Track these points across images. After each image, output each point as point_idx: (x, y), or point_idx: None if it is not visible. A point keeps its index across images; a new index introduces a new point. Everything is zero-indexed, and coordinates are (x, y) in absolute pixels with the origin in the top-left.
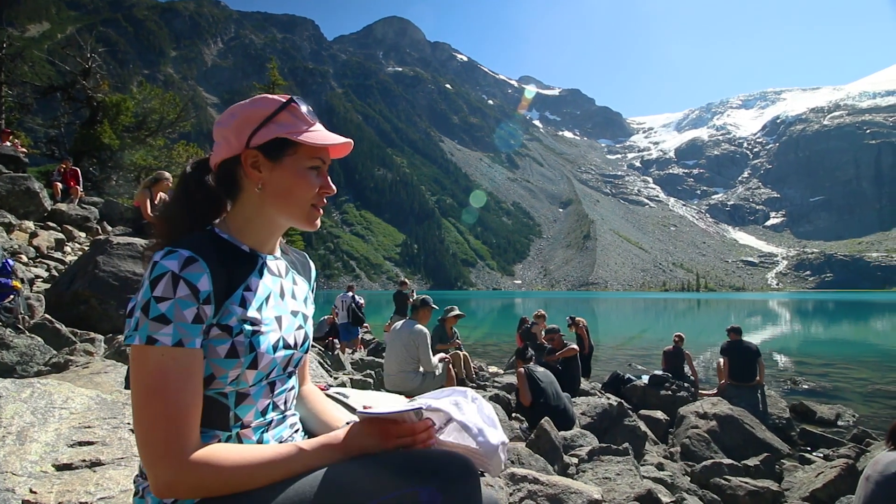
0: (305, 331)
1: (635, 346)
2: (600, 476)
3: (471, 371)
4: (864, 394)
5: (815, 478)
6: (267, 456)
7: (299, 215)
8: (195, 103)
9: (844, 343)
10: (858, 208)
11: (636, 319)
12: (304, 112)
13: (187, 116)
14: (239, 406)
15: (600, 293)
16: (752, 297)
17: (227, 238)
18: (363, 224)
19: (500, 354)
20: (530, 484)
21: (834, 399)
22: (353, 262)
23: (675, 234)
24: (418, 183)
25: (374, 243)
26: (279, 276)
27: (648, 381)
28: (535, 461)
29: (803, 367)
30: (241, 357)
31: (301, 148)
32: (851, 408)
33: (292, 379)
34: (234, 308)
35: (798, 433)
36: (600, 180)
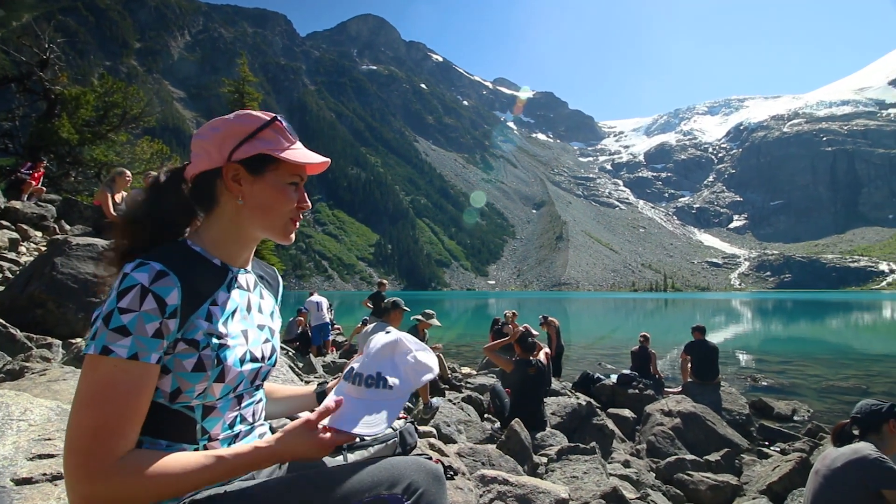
0: (273, 344)
1: (605, 345)
2: (568, 475)
3: (444, 372)
4: (818, 390)
5: (772, 471)
6: (191, 462)
7: (277, 229)
8: (160, 97)
9: (801, 341)
10: (815, 212)
11: (606, 319)
12: (288, 131)
13: (152, 111)
14: (206, 419)
15: (572, 293)
16: (717, 296)
17: (199, 251)
18: (336, 223)
19: (474, 355)
20: (500, 485)
21: (791, 395)
22: (326, 262)
23: (643, 236)
24: (392, 183)
25: (348, 243)
26: (247, 290)
27: (617, 380)
28: (506, 462)
29: (763, 364)
30: (207, 371)
31: (282, 164)
32: (807, 403)
33: (260, 391)
34: (200, 322)
35: (757, 428)
36: (573, 182)
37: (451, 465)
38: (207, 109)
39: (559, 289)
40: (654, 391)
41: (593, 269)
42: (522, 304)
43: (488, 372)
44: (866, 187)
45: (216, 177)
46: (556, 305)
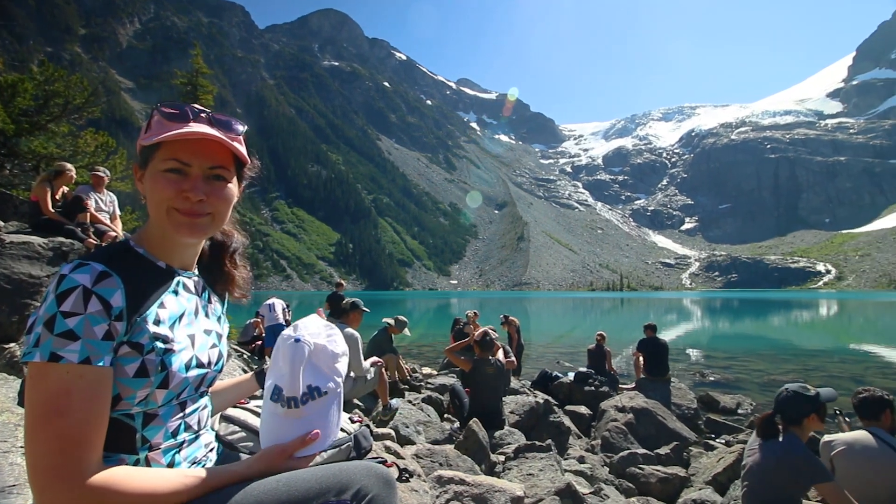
0: (220, 349)
1: (564, 344)
2: (525, 473)
3: (404, 374)
4: (760, 384)
5: (717, 462)
6: (171, 482)
7: (165, 225)
8: (107, 87)
9: (745, 338)
10: (759, 215)
11: (565, 318)
12: (166, 117)
13: (97, 101)
14: (147, 427)
15: (532, 293)
16: (669, 295)
17: (142, 253)
18: (295, 222)
19: (435, 355)
20: (456, 485)
21: (735, 389)
22: (284, 261)
23: (601, 237)
24: (354, 181)
25: (307, 242)
26: (195, 294)
27: (574, 377)
28: (463, 462)
29: (710, 360)
30: (151, 376)
31: (158, 151)
32: (750, 397)
33: (205, 398)
34: (146, 326)
35: (704, 422)
36: (534, 184)
37: (407, 468)
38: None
39: (520, 288)
40: (610, 388)
41: (553, 269)
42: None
43: (449, 372)
44: (805, 193)
45: None
46: (517, 305)
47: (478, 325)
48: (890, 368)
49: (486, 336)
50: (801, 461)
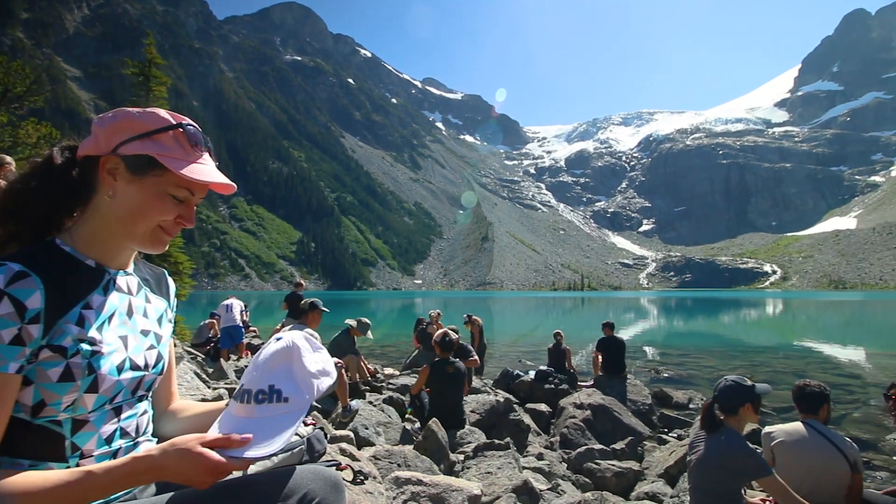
0: (159, 351)
1: (526, 342)
2: (483, 471)
3: (365, 375)
4: (711, 379)
5: (669, 456)
6: (54, 480)
7: (138, 236)
8: (51, 75)
9: (698, 336)
10: (712, 218)
11: (528, 318)
12: (190, 142)
13: (40, 90)
14: (76, 434)
15: (496, 292)
16: (627, 295)
17: (69, 251)
18: (255, 220)
19: (398, 355)
20: (413, 486)
21: (687, 385)
22: (243, 260)
23: (563, 238)
24: (317, 179)
25: (267, 241)
26: (128, 294)
27: (534, 376)
28: (422, 462)
29: (665, 357)
30: (77, 380)
31: (169, 173)
32: (701, 392)
33: (144, 403)
34: (69, 327)
35: (658, 417)
36: (498, 185)
37: (362, 470)
38: (107, 91)
39: (484, 288)
40: (569, 385)
41: (517, 269)
42: (448, 304)
43: (411, 372)
44: (754, 197)
45: (96, 166)
46: (481, 305)
47: (441, 324)
48: (829, 363)
49: (446, 337)
50: (743, 457)
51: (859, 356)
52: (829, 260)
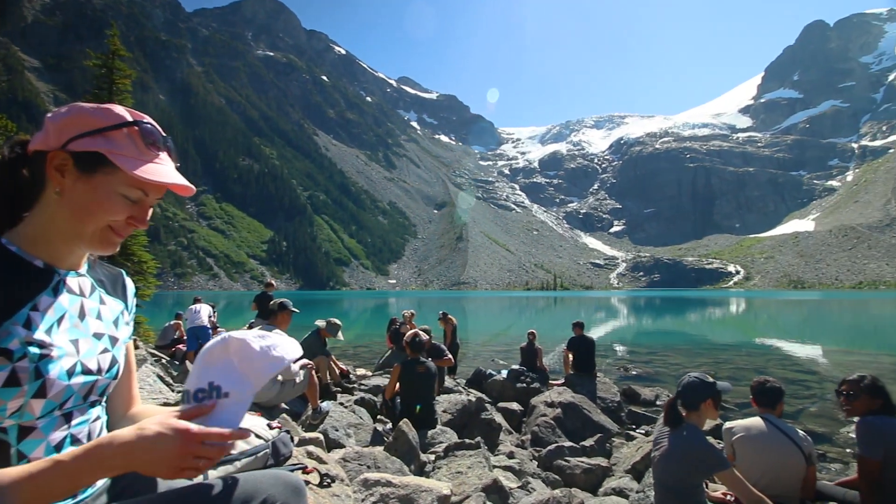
0: (113, 354)
1: (499, 342)
2: (454, 471)
3: (336, 376)
4: (677, 376)
5: (636, 452)
6: (15, 475)
7: (86, 236)
8: (7, 65)
9: (665, 334)
10: (679, 220)
11: (502, 317)
12: (145, 140)
13: None
14: (23, 441)
15: (470, 292)
16: (598, 294)
17: (14, 251)
18: (224, 218)
19: (371, 356)
20: (382, 487)
21: (655, 382)
22: (211, 259)
23: (537, 238)
24: (289, 176)
25: (237, 239)
26: (80, 295)
27: (507, 375)
28: (392, 463)
29: (633, 355)
30: (23, 385)
31: (121, 172)
32: (667, 389)
33: (97, 408)
34: (15, 329)
35: (626, 413)
36: (473, 185)
37: (329, 472)
38: (68, 84)
39: (458, 288)
40: (540, 384)
41: (490, 269)
42: (423, 304)
43: (384, 373)
44: (719, 200)
45: (45, 162)
46: (456, 304)
47: (414, 325)
48: (787, 360)
49: (416, 337)
50: (702, 452)
51: (816, 353)
52: (788, 261)
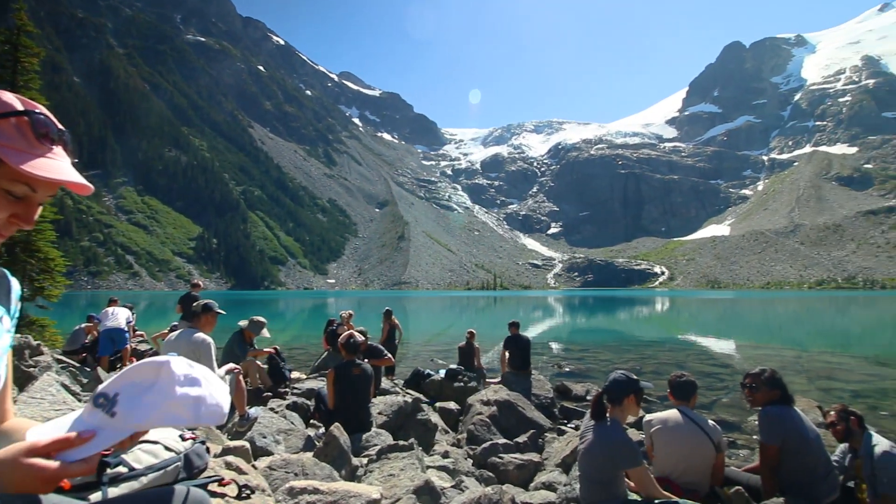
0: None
1: (439, 342)
2: (386, 474)
3: (267, 380)
4: (606, 372)
5: (566, 446)
6: None
7: None
8: None
9: (597, 331)
10: (611, 223)
11: (442, 317)
12: (36, 132)
13: None
14: None
15: (411, 292)
16: (536, 294)
17: None
18: (146, 212)
19: (307, 358)
20: (309, 495)
21: (586, 378)
22: (131, 256)
23: (478, 238)
24: (220, 170)
25: (161, 236)
26: None
27: (445, 374)
28: (321, 469)
29: (567, 352)
30: None
31: (4, 164)
32: (597, 384)
33: None
34: None
35: (559, 409)
36: (415, 184)
37: (248, 483)
38: None
39: (400, 287)
40: (477, 383)
41: (432, 269)
42: (363, 304)
43: (319, 376)
44: (647, 205)
45: None
46: (397, 304)
47: (352, 325)
48: (704, 355)
49: (352, 338)
50: (620, 447)
51: (729, 348)
52: (707, 262)
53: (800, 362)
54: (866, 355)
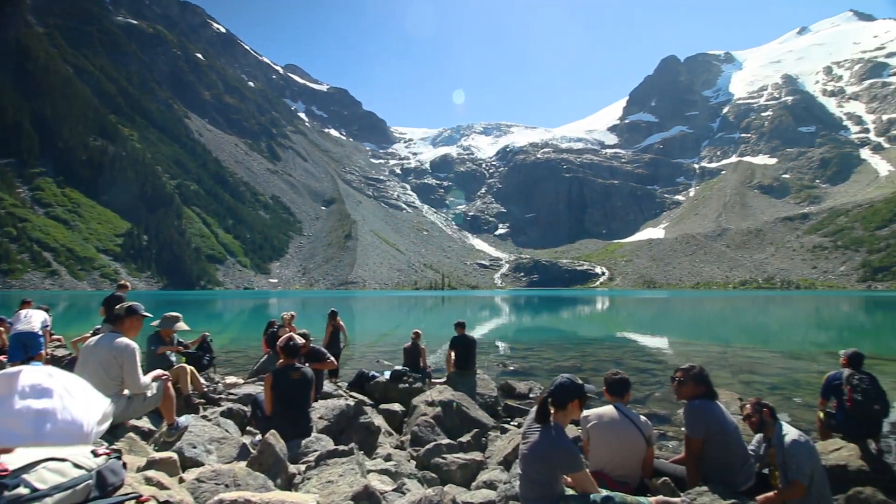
0: None
1: (386, 342)
2: (324, 481)
3: (199, 385)
4: (549, 370)
5: (508, 444)
6: None
7: None
8: None
9: (541, 330)
10: (556, 225)
11: (390, 317)
12: None
13: None
14: None
15: (358, 292)
16: (483, 294)
17: None
18: (67, 206)
19: (246, 361)
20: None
21: (529, 376)
22: (49, 253)
23: (426, 238)
24: (153, 162)
25: (84, 231)
26: None
27: (390, 376)
28: (254, 479)
29: (513, 351)
30: None
31: None
32: (540, 382)
33: None
34: None
35: (503, 408)
36: (363, 182)
37: (171, 499)
38: None
39: (346, 287)
40: (423, 384)
41: (380, 269)
42: (307, 304)
43: (257, 380)
44: (590, 208)
45: None
46: (343, 304)
47: (294, 327)
48: (640, 352)
49: (291, 341)
50: (562, 454)
51: (663, 345)
52: (643, 263)
53: (725, 357)
54: (782, 350)
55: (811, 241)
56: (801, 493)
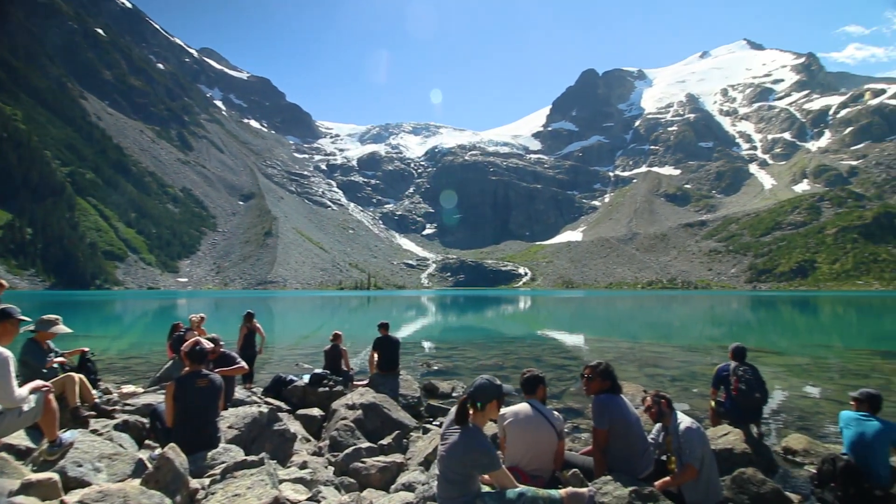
0: None
1: (307, 344)
2: (230, 494)
3: (90, 396)
4: (472, 369)
5: (429, 444)
6: None
7: None
8: None
9: (466, 329)
10: (482, 226)
11: (312, 318)
12: None
13: None
14: None
15: (278, 292)
16: (410, 293)
17: None
18: None
19: (147, 368)
20: None
21: (453, 375)
22: None
23: (352, 237)
24: (40, 146)
25: None
26: None
27: (309, 380)
28: (148, 499)
29: (437, 351)
30: None
31: None
32: (463, 381)
33: None
34: None
35: (425, 408)
36: (286, 177)
37: None
38: None
39: (265, 287)
40: (344, 386)
41: (302, 268)
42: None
43: (158, 389)
44: (514, 210)
45: None
46: (261, 305)
47: (203, 330)
48: (558, 349)
49: (197, 346)
50: (481, 455)
51: (579, 341)
52: (563, 265)
53: (633, 352)
54: (682, 345)
55: (707, 246)
56: (693, 476)
